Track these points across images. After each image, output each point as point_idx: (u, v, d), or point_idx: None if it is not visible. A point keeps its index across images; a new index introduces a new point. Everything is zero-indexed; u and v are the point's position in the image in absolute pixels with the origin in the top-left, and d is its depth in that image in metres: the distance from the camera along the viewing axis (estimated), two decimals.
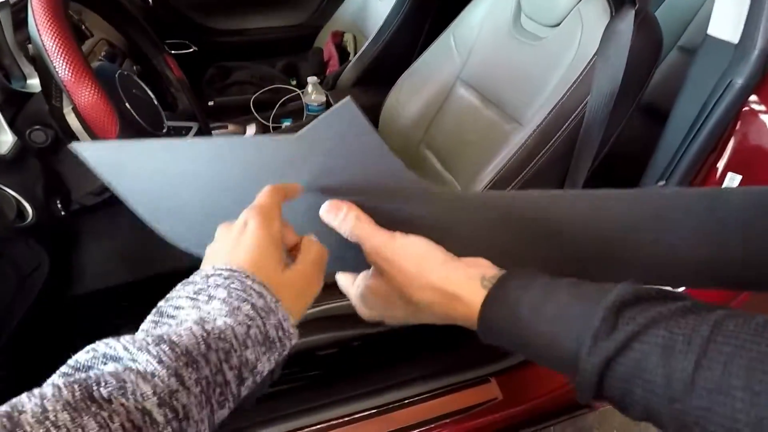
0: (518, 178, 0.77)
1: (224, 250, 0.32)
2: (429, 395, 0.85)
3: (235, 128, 1.24)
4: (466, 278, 0.34)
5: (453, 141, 1.01)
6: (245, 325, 0.27)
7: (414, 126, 1.10)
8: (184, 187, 0.38)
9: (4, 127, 0.63)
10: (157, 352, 0.23)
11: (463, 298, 0.33)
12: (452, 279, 0.34)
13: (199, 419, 0.24)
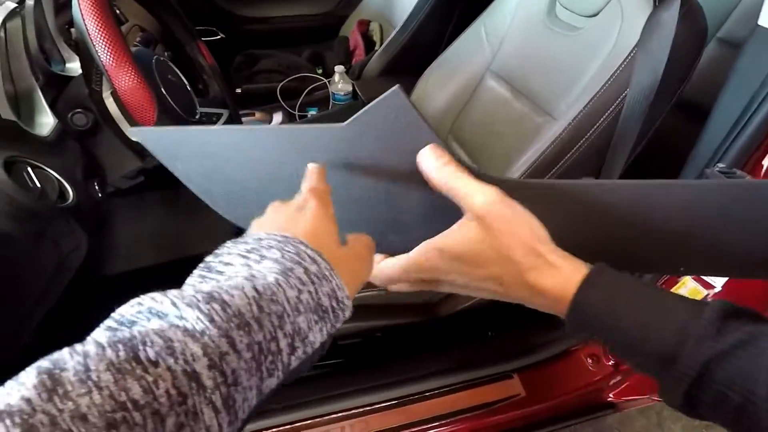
0: (551, 173, 0.76)
1: (277, 222, 0.31)
2: (450, 389, 0.85)
3: (262, 116, 1.25)
4: (564, 259, 0.33)
5: (481, 134, 1.00)
6: (296, 288, 0.25)
7: (441, 118, 1.09)
8: (236, 171, 0.39)
9: (46, 110, 0.65)
10: (208, 310, 0.22)
11: (563, 272, 0.32)
12: (557, 254, 0.33)
13: (248, 386, 0.22)
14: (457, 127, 1.07)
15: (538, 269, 0.33)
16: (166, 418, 0.19)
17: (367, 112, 0.33)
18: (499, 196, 0.33)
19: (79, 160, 0.64)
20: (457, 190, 0.33)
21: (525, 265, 0.33)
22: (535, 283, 0.33)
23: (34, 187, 0.53)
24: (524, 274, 0.33)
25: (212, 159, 0.38)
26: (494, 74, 1.00)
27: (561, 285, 0.32)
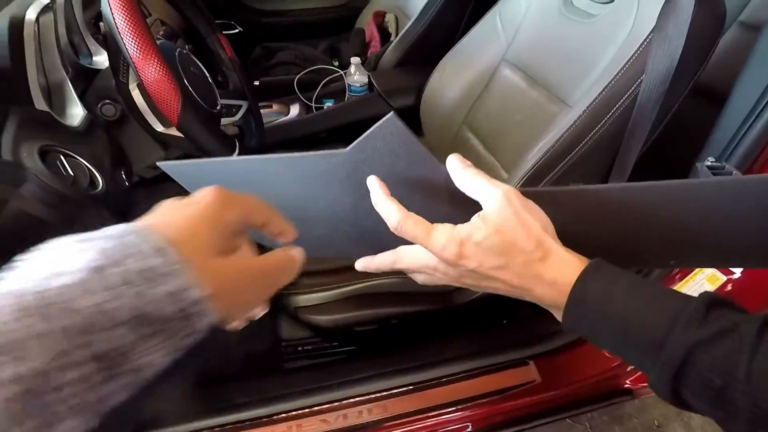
0: (565, 160, 0.76)
1: (156, 216, 0.26)
2: (466, 375, 0.86)
3: (279, 107, 1.27)
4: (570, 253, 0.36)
5: (496, 123, 1.00)
6: (112, 291, 0.19)
7: (456, 107, 1.10)
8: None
9: (76, 101, 0.68)
10: None
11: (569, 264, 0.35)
12: (559, 245, 0.36)
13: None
14: (471, 117, 1.07)
15: (547, 260, 0.35)
16: None
17: (366, 137, 0.35)
18: (515, 191, 0.36)
19: (107, 150, 0.67)
20: (478, 185, 0.37)
21: (535, 255, 0.35)
22: (543, 273, 0.35)
23: (67, 174, 0.56)
24: (532, 263, 0.35)
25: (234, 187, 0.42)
26: (509, 63, 1.00)
27: (565, 276, 0.35)
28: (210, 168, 0.41)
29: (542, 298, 0.36)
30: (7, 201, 0.52)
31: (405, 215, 0.37)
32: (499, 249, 0.36)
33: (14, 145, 0.53)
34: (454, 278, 0.40)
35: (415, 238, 0.37)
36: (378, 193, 0.37)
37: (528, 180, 0.80)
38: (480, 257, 0.36)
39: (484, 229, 0.36)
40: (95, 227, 0.60)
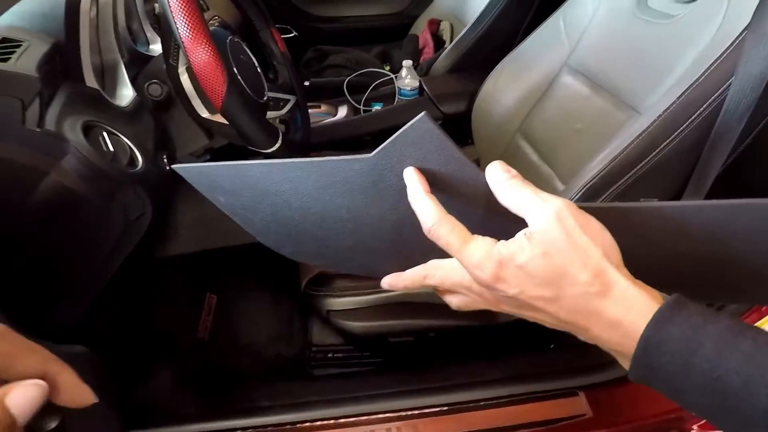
0: (633, 171, 0.69)
1: None
2: (507, 400, 0.79)
3: (327, 108, 1.26)
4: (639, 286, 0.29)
5: (554, 131, 0.93)
6: None
7: (511, 114, 1.04)
8: (273, 203, 0.40)
9: (127, 83, 0.68)
10: None
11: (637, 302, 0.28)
12: (631, 280, 0.29)
13: None
14: (527, 125, 1.01)
15: (608, 296, 0.29)
16: None
17: (394, 141, 0.32)
18: (569, 208, 0.30)
19: (152, 132, 0.66)
20: (524, 198, 0.30)
21: (593, 288, 0.29)
22: (603, 311, 0.29)
23: (107, 150, 0.55)
24: (590, 298, 0.29)
25: (250, 192, 0.40)
26: (572, 69, 0.94)
27: (633, 316, 0.28)
28: (225, 172, 0.39)
29: (601, 340, 0.30)
30: (48, 173, 0.52)
31: (443, 216, 0.32)
32: (546, 276, 0.30)
33: (59, 118, 0.52)
34: (490, 302, 0.34)
35: (448, 246, 0.32)
36: (416, 187, 0.32)
37: (588, 191, 0.73)
38: (522, 283, 0.30)
39: (529, 250, 0.30)
40: (132, 206, 0.57)
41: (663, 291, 0.31)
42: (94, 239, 0.58)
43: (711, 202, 0.32)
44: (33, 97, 0.49)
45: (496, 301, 0.33)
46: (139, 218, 0.61)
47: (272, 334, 1.08)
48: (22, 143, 0.49)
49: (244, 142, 0.69)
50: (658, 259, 0.35)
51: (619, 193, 0.71)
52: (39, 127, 0.50)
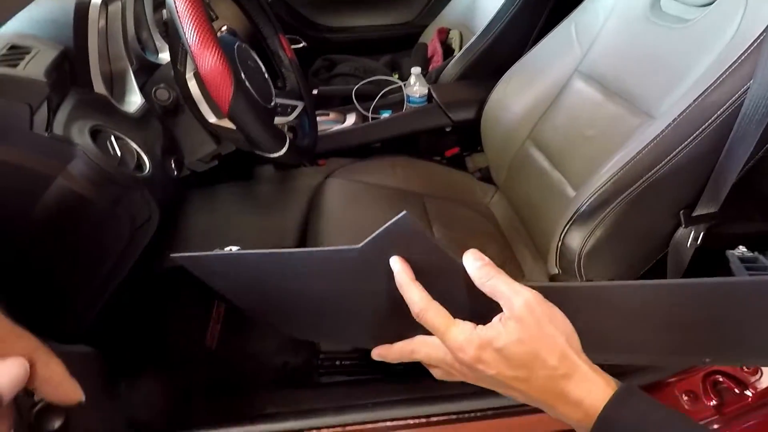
0: (647, 176, 0.67)
1: None
2: (516, 410, 0.77)
3: (336, 116, 1.26)
4: (596, 372, 0.35)
5: (565, 138, 0.92)
6: None
7: (521, 121, 1.03)
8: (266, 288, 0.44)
9: (136, 90, 0.68)
10: None
11: (596, 385, 0.33)
12: (589, 365, 0.35)
13: None
14: (537, 132, 1.00)
15: (572, 378, 0.34)
16: None
17: (378, 235, 0.35)
18: (537, 299, 0.35)
19: (160, 138, 0.66)
20: (496, 289, 0.35)
21: (559, 371, 0.34)
22: (568, 392, 0.34)
23: (114, 154, 0.55)
24: (557, 379, 0.34)
25: (244, 277, 0.44)
26: (583, 75, 0.92)
27: (593, 397, 0.33)
28: (221, 260, 0.42)
29: (565, 416, 0.35)
30: (55, 178, 0.52)
31: (429, 302, 0.36)
32: (520, 360, 0.34)
33: (67, 122, 0.52)
34: (470, 379, 0.38)
35: (435, 330, 0.36)
36: (403, 276, 0.36)
37: (599, 197, 0.71)
38: (499, 365, 0.35)
39: (505, 336, 0.34)
40: (139, 211, 0.57)
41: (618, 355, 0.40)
42: (100, 244, 0.57)
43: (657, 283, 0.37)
44: (41, 102, 0.49)
45: (476, 379, 0.37)
46: (145, 223, 0.61)
47: (279, 342, 1.07)
48: (30, 148, 0.49)
49: (252, 147, 0.68)
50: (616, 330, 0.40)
51: (632, 199, 0.69)
52: (47, 131, 0.50)
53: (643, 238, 0.74)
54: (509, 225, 1.08)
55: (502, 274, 0.36)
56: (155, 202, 0.60)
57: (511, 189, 1.09)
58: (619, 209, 0.70)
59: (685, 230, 0.70)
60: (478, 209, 1.12)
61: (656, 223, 0.73)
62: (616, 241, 0.73)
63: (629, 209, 0.69)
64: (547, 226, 0.86)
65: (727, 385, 0.71)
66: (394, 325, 0.40)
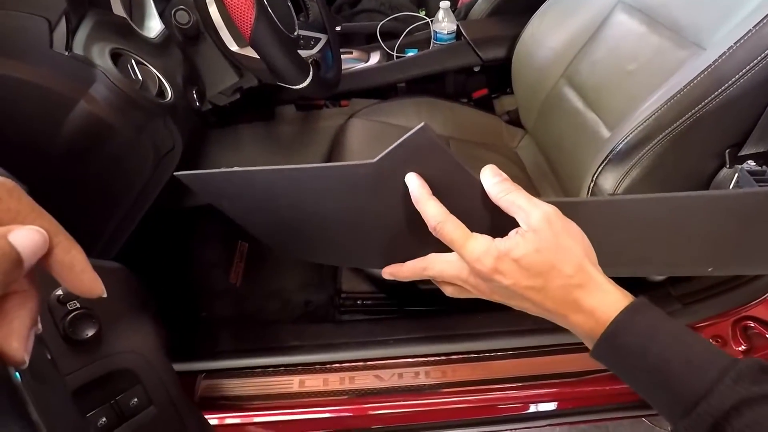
0: (691, 112, 0.63)
1: None
2: (537, 350, 0.77)
3: (359, 54, 1.21)
4: (612, 284, 0.35)
5: (603, 74, 0.86)
6: None
7: (556, 58, 0.97)
8: (277, 207, 0.42)
9: (155, 15, 0.66)
10: None
11: (610, 295, 0.34)
12: (605, 277, 0.35)
13: None
14: (572, 69, 0.94)
15: (586, 288, 0.34)
16: None
17: (394, 149, 0.34)
18: (556, 213, 0.35)
19: (180, 67, 0.65)
20: (514, 204, 0.35)
21: (574, 280, 0.34)
22: (581, 301, 0.34)
23: (136, 78, 0.54)
24: (571, 289, 0.34)
25: (254, 197, 0.42)
26: (627, 6, 0.86)
27: (606, 306, 0.34)
28: (230, 178, 0.40)
29: (577, 325, 0.35)
30: (77, 101, 0.51)
31: (446, 215, 0.36)
32: (537, 269, 0.35)
33: (87, 43, 0.51)
34: (483, 293, 0.38)
35: (452, 243, 0.36)
36: (420, 190, 0.36)
37: (638, 135, 0.67)
38: (516, 275, 0.35)
39: (523, 246, 0.35)
40: (162, 140, 0.55)
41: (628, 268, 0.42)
42: (126, 171, 0.57)
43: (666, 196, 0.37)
44: (59, 17, 0.48)
45: (490, 291, 0.37)
46: (169, 152, 0.60)
47: (302, 280, 1.09)
48: (51, 67, 0.48)
49: (274, 78, 0.66)
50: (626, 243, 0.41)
51: (674, 137, 0.65)
52: (67, 50, 0.49)
53: (683, 178, 0.71)
54: (537, 169, 1.05)
55: (520, 189, 0.36)
56: (178, 132, 0.59)
57: (541, 132, 1.04)
58: (659, 148, 0.66)
59: (729, 171, 0.66)
60: (505, 153, 1.09)
61: (698, 163, 0.69)
62: (653, 182, 0.70)
63: (670, 147, 0.65)
64: (577, 168, 0.83)
65: (758, 331, 0.69)
66: (407, 244, 0.40)
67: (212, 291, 1.07)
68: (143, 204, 0.64)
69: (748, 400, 0.28)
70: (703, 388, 0.29)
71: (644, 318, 0.32)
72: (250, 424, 0.74)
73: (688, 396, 0.30)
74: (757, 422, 0.27)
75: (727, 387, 0.29)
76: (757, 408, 0.28)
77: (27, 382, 0.17)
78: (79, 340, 0.34)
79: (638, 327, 0.32)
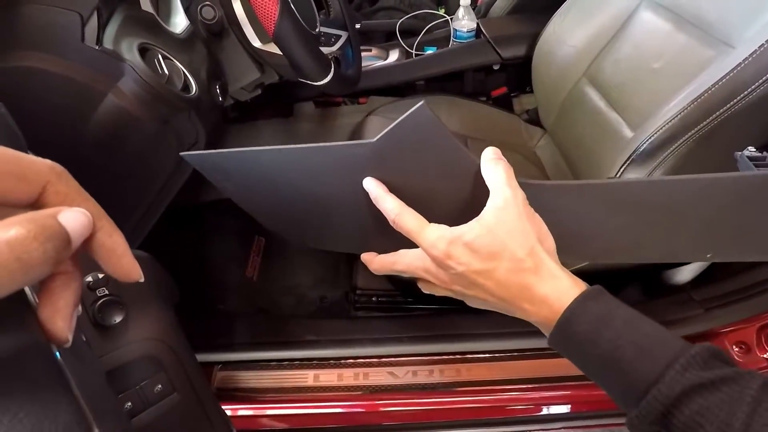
0: (719, 112, 0.61)
1: None
2: (553, 351, 0.76)
3: (378, 52, 1.21)
4: (565, 272, 0.35)
5: (626, 73, 0.85)
6: None
7: (578, 56, 0.96)
8: (280, 188, 0.42)
9: (181, 11, 0.67)
10: None
11: (561, 282, 0.34)
12: (558, 265, 0.35)
13: None
14: (594, 68, 0.93)
15: (537, 273, 0.34)
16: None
17: (394, 128, 0.34)
18: (521, 198, 0.35)
19: (205, 62, 0.66)
20: (497, 177, 0.36)
21: (525, 264, 0.34)
22: (533, 288, 0.34)
23: (162, 73, 0.55)
24: (522, 273, 0.34)
25: (257, 176, 0.42)
26: (653, 3, 0.84)
27: (559, 293, 0.33)
28: (235, 157, 0.40)
29: (530, 313, 0.35)
30: (106, 94, 0.52)
31: (403, 209, 0.37)
32: (488, 250, 0.34)
33: (116, 37, 0.52)
34: (444, 282, 0.38)
35: (410, 233, 0.36)
36: (377, 190, 0.37)
37: (663, 135, 0.66)
38: (467, 258, 0.35)
39: (477, 229, 0.35)
40: (186, 133, 0.56)
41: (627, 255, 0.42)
42: (150, 163, 0.58)
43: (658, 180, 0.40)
44: (91, 12, 0.49)
45: (449, 281, 0.37)
46: (193, 146, 0.61)
47: (317, 276, 1.10)
48: (82, 61, 0.49)
49: (296, 74, 0.67)
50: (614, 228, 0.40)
51: (700, 137, 0.64)
52: (98, 44, 0.50)
53: None
54: (556, 169, 1.04)
55: (507, 169, 0.36)
56: (201, 126, 0.60)
57: (561, 131, 1.03)
58: (684, 148, 0.65)
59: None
60: (523, 152, 1.08)
61: (724, 164, 0.67)
62: None
63: (695, 148, 0.64)
64: (598, 168, 0.82)
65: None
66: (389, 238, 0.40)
67: (229, 285, 1.08)
68: (166, 197, 0.65)
69: (698, 387, 0.28)
70: (654, 374, 0.29)
71: (596, 304, 0.32)
72: (264, 417, 0.75)
73: (639, 384, 0.29)
74: (707, 408, 0.27)
75: (678, 373, 0.28)
76: (706, 394, 0.28)
77: (68, 361, 0.18)
78: (106, 326, 0.35)
79: (591, 314, 0.32)
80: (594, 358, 0.32)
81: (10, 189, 0.17)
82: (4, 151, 0.17)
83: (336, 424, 0.75)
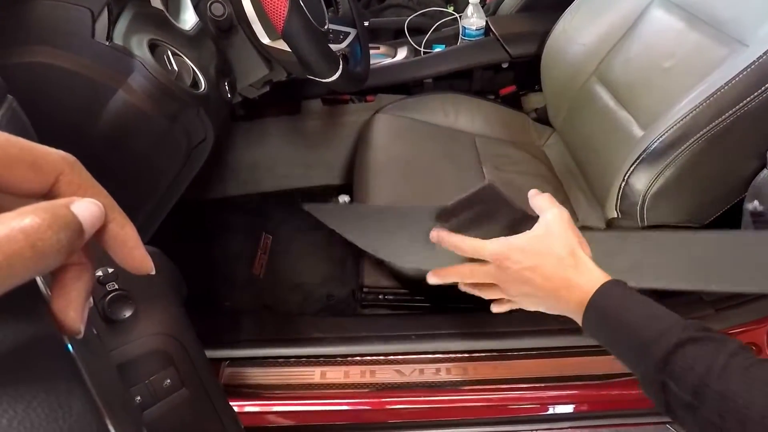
0: (731, 112, 0.61)
1: None
2: (562, 351, 0.76)
3: (386, 49, 1.21)
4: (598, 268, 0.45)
5: (637, 72, 0.84)
6: None
7: (587, 55, 0.95)
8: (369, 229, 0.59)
9: (190, 8, 0.67)
10: None
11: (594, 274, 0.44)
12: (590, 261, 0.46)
13: None
14: (604, 66, 0.92)
15: (576, 268, 0.45)
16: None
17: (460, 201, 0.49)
18: (567, 216, 0.48)
19: (214, 59, 0.66)
20: (543, 202, 0.50)
21: (567, 261, 0.45)
22: (572, 279, 0.44)
23: (172, 69, 0.55)
24: (564, 268, 0.45)
25: (362, 226, 0.58)
26: (665, 1, 0.83)
27: (592, 282, 0.43)
28: (347, 210, 0.53)
29: (567, 299, 0.44)
30: (116, 90, 0.52)
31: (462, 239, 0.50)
32: (536, 250, 0.46)
33: (126, 33, 0.52)
34: (501, 281, 0.49)
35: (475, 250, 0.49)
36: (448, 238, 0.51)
37: (675, 134, 0.66)
38: (519, 257, 0.46)
39: (528, 235, 0.47)
40: (195, 130, 0.56)
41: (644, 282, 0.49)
42: (159, 160, 0.59)
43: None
44: (101, 8, 0.49)
45: (505, 280, 0.48)
46: (201, 143, 0.61)
47: (324, 274, 1.10)
48: (92, 56, 0.49)
49: (305, 71, 0.67)
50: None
51: (711, 136, 0.63)
52: (108, 40, 0.50)
53: (719, 179, 0.69)
54: (564, 168, 1.03)
55: (552, 198, 0.49)
56: (210, 123, 0.60)
57: (569, 130, 1.02)
58: (695, 147, 0.64)
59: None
60: (531, 151, 1.07)
61: (736, 164, 0.67)
62: (687, 183, 0.68)
63: (707, 147, 0.64)
64: (607, 168, 0.81)
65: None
66: None
67: (236, 281, 1.09)
68: (175, 193, 0.65)
69: (690, 340, 0.36)
70: (658, 332, 0.38)
71: (619, 288, 0.43)
72: (270, 413, 0.75)
73: (648, 341, 0.38)
74: (697, 354, 0.35)
75: (672, 333, 0.37)
76: (697, 346, 0.36)
77: (80, 352, 0.18)
78: (116, 321, 0.35)
79: (615, 294, 0.42)
80: (615, 324, 0.40)
81: (23, 178, 0.17)
82: (18, 140, 0.17)
83: (342, 422, 0.75)
